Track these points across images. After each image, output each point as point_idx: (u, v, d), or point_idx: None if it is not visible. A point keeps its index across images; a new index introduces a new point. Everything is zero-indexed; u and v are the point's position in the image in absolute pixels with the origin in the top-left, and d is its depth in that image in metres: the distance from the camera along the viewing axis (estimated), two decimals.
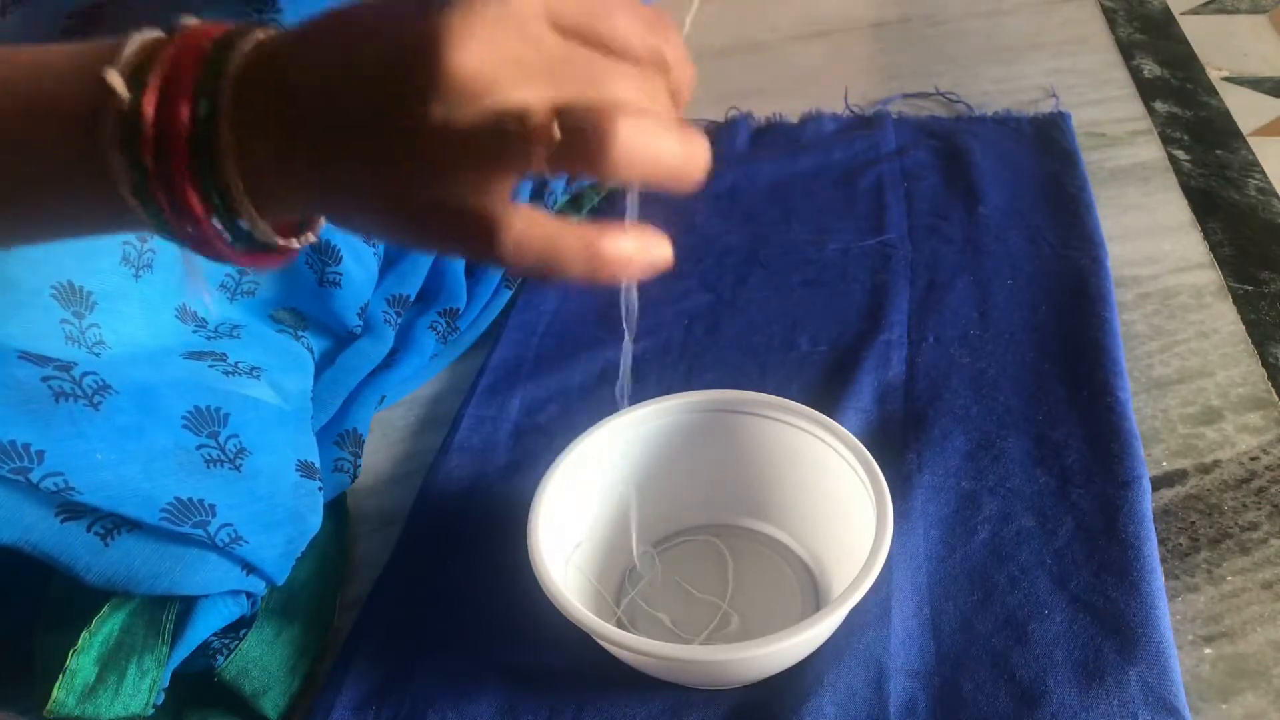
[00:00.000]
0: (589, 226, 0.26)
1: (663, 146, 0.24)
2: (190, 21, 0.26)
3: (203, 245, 0.26)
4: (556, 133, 0.23)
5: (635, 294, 0.35)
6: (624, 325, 0.36)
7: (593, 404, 0.57)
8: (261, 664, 0.43)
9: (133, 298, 0.42)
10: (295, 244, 0.29)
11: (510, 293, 0.65)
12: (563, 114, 0.24)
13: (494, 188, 0.25)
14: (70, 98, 0.25)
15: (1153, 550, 0.44)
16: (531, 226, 0.25)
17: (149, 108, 0.24)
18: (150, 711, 0.39)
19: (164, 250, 0.44)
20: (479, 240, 0.25)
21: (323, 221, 0.30)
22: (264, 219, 0.26)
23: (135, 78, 0.24)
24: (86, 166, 0.25)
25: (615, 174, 0.24)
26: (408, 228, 0.26)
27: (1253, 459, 0.49)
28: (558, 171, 0.24)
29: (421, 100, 0.23)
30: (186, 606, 0.41)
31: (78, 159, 0.25)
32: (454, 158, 0.24)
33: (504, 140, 0.24)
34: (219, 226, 0.26)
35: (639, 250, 0.26)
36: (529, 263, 0.25)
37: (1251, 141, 0.74)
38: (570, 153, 0.24)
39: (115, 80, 0.24)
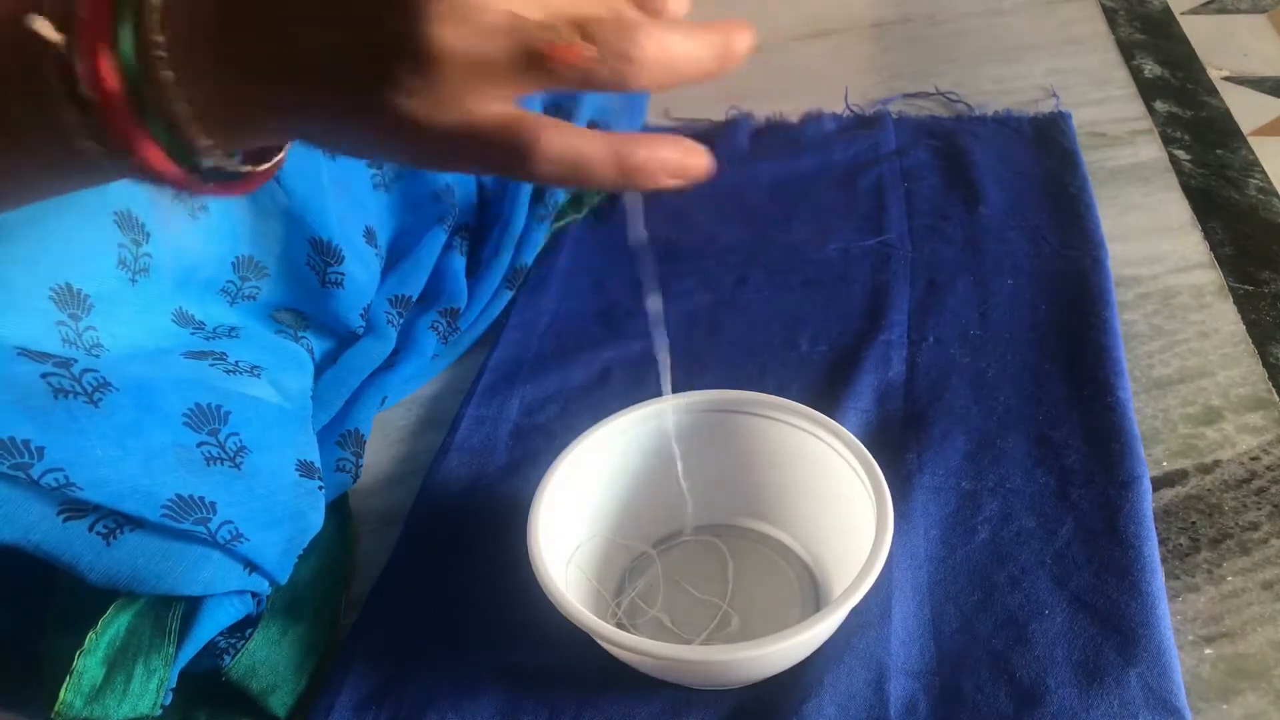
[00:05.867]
0: (619, 135, 0.25)
1: (685, 49, 0.24)
2: None
3: (163, 181, 0.26)
4: (587, 50, 0.23)
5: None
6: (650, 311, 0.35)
7: (593, 404, 0.57)
8: (269, 663, 0.43)
9: (129, 302, 0.42)
10: (264, 167, 0.28)
11: (512, 293, 0.65)
12: (583, 31, 0.24)
13: (511, 103, 0.25)
14: (11, 52, 0.24)
15: (1153, 550, 0.44)
16: (563, 139, 0.25)
17: (76, 55, 0.23)
18: (158, 712, 0.39)
19: (160, 255, 0.44)
20: (511, 158, 0.25)
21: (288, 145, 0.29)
22: (229, 146, 0.26)
23: (65, 23, 0.23)
24: (43, 117, 0.25)
25: (643, 85, 0.24)
26: (424, 153, 0.25)
27: (1253, 459, 0.49)
28: (581, 87, 0.24)
29: (422, 15, 0.23)
30: (192, 606, 0.41)
31: (35, 111, 0.25)
32: (469, 76, 0.24)
33: (529, 57, 0.23)
34: (172, 159, 0.25)
35: (677, 154, 0.26)
36: (561, 175, 0.25)
37: (1252, 141, 0.74)
38: (597, 70, 0.24)
39: (42, 26, 0.23)
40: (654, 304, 0.35)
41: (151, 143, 0.25)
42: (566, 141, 0.25)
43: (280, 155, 0.29)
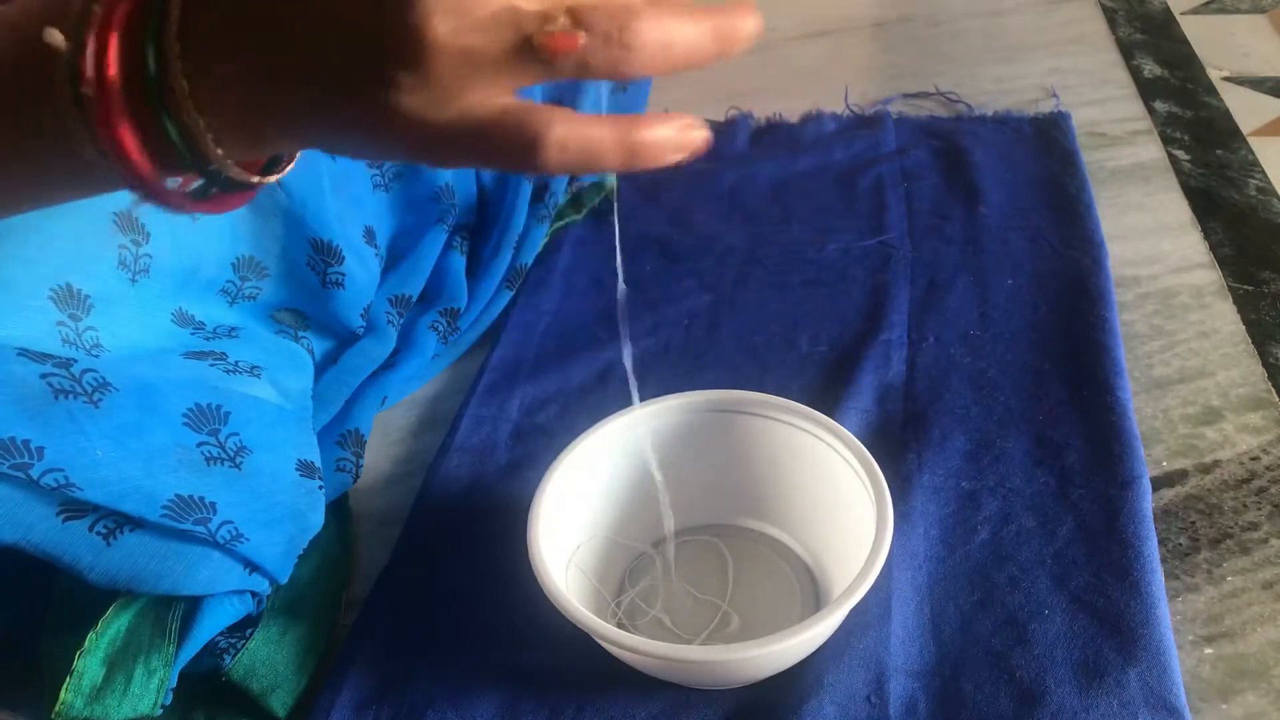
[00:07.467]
0: (622, 117, 0.25)
1: (684, 34, 0.24)
2: None
3: (153, 195, 0.26)
4: (581, 38, 0.23)
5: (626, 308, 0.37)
6: (621, 330, 0.38)
7: (593, 404, 0.57)
8: (269, 662, 0.43)
9: (129, 302, 0.42)
10: (271, 179, 0.28)
11: (511, 293, 0.65)
12: (578, 19, 0.23)
13: (511, 94, 0.25)
14: (29, 57, 0.25)
15: (1153, 550, 0.44)
16: (570, 127, 0.25)
17: (87, 56, 0.24)
18: (159, 712, 0.39)
19: (160, 255, 0.44)
20: (520, 150, 0.25)
21: (298, 154, 0.29)
22: (240, 156, 0.26)
23: (79, 27, 0.24)
24: (49, 123, 0.25)
25: (641, 72, 0.24)
26: (430, 150, 0.25)
27: (1253, 459, 0.49)
28: (578, 76, 0.24)
29: (416, 7, 0.23)
30: (192, 606, 0.41)
31: (42, 116, 0.25)
32: (465, 70, 0.23)
33: (525, 48, 0.23)
34: (167, 173, 0.26)
35: (676, 132, 0.26)
36: (571, 163, 0.25)
37: (1252, 141, 0.74)
38: (593, 58, 0.24)
39: (54, 38, 0.24)
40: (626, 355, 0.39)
41: (139, 146, 0.25)
42: (575, 129, 0.25)
43: (288, 164, 0.30)
